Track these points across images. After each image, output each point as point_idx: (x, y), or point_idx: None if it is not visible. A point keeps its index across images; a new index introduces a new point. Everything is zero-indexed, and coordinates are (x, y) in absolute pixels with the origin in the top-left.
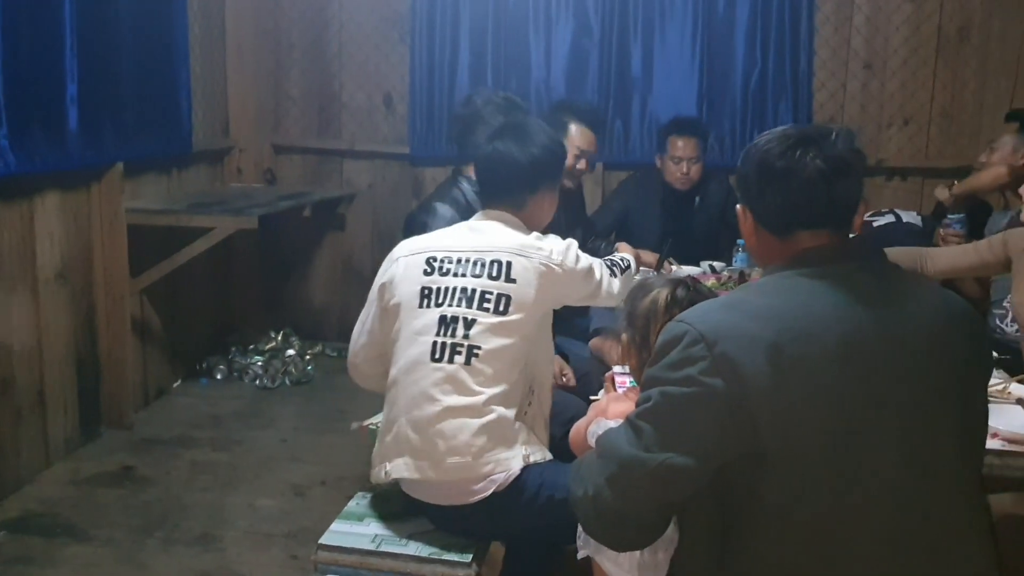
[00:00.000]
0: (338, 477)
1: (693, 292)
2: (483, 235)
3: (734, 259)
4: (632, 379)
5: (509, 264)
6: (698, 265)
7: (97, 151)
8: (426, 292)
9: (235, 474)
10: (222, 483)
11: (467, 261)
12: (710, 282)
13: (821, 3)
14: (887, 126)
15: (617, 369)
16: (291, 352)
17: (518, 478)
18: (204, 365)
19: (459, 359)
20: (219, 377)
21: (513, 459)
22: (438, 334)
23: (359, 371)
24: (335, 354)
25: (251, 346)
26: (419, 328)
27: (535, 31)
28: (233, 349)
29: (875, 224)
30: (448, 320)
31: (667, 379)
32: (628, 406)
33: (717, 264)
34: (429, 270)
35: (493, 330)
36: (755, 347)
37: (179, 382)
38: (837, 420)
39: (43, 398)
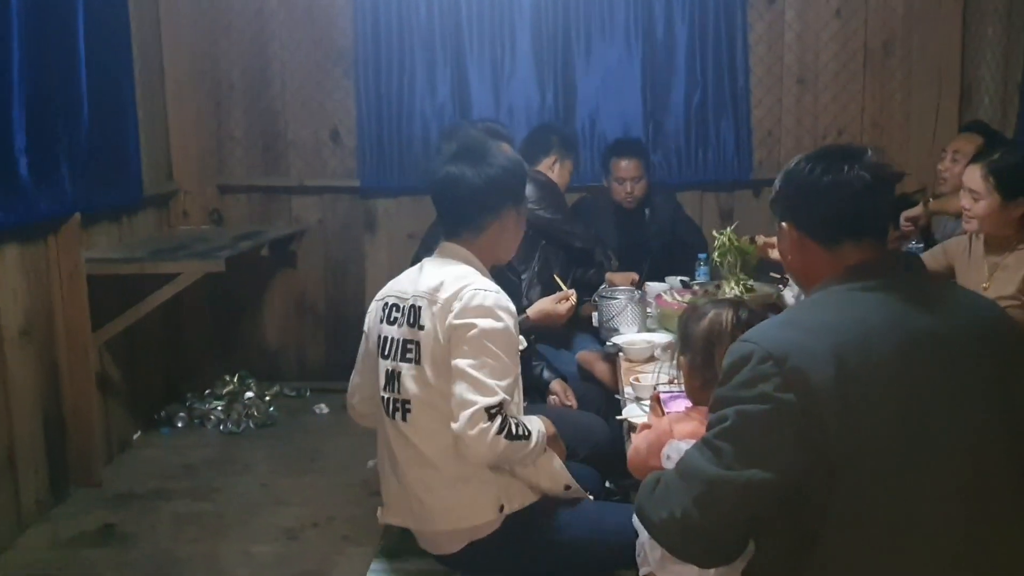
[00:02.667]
0: (328, 518)
1: (751, 313)
2: (421, 276)
3: (696, 273)
4: (657, 398)
5: (419, 309)
6: (663, 280)
7: (55, 202)
8: (381, 341)
9: (222, 523)
10: (211, 533)
11: (401, 308)
12: (687, 297)
13: (754, 22)
14: (822, 138)
15: (662, 388)
16: (250, 395)
17: (498, 530)
18: (163, 414)
19: (398, 415)
20: (180, 425)
21: (482, 511)
22: (385, 389)
23: (355, 410)
24: (293, 394)
25: (207, 391)
26: (379, 380)
27: (483, 59)
28: (189, 395)
29: None
30: (390, 374)
31: (741, 398)
32: (694, 426)
33: (689, 279)
34: (383, 316)
35: (416, 381)
36: (820, 361)
37: (139, 434)
38: (900, 426)
39: (13, 459)
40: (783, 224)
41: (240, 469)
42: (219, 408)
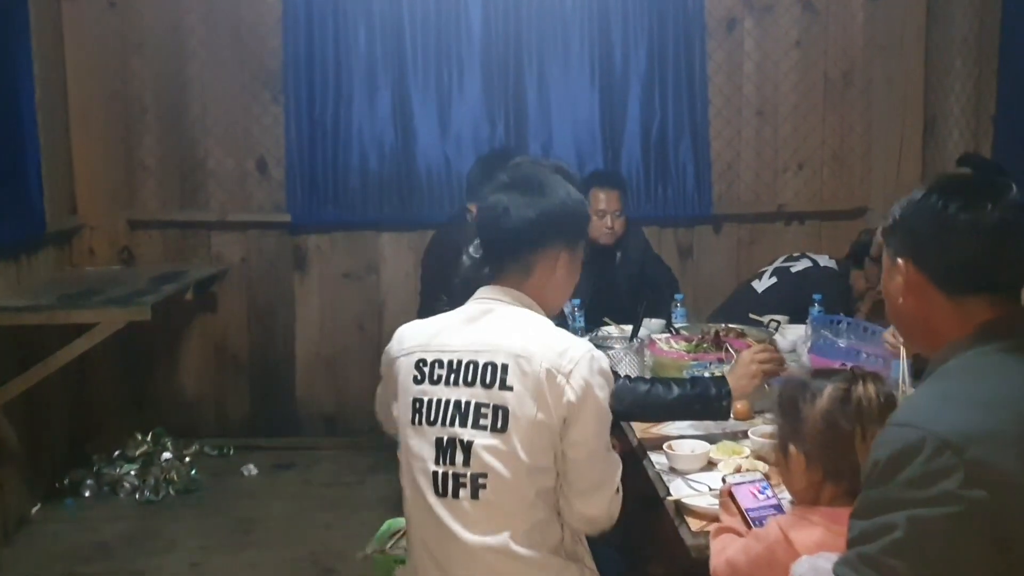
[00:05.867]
0: None
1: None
2: (479, 328)
3: (673, 316)
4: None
5: (505, 368)
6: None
7: None
8: (417, 406)
9: None
10: None
11: (459, 365)
12: (682, 344)
13: (712, 51)
14: (783, 171)
15: (735, 479)
16: (167, 456)
17: None
18: (66, 482)
19: (464, 492)
20: (87, 494)
21: None
22: (437, 462)
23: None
24: (215, 452)
25: (116, 452)
26: (416, 451)
27: (428, 85)
28: (95, 458)
29: (792, 270)
30: (444, 444)
31: (914, 500)
32: (820, 533)
33: (666, 321)
34: (419, 376)
35: (495, 453)
36: (1003, 445)
37: (39, 506)
38: None
39: None
40: (899, 260)
41: (164, 546)
42: (132, 472)
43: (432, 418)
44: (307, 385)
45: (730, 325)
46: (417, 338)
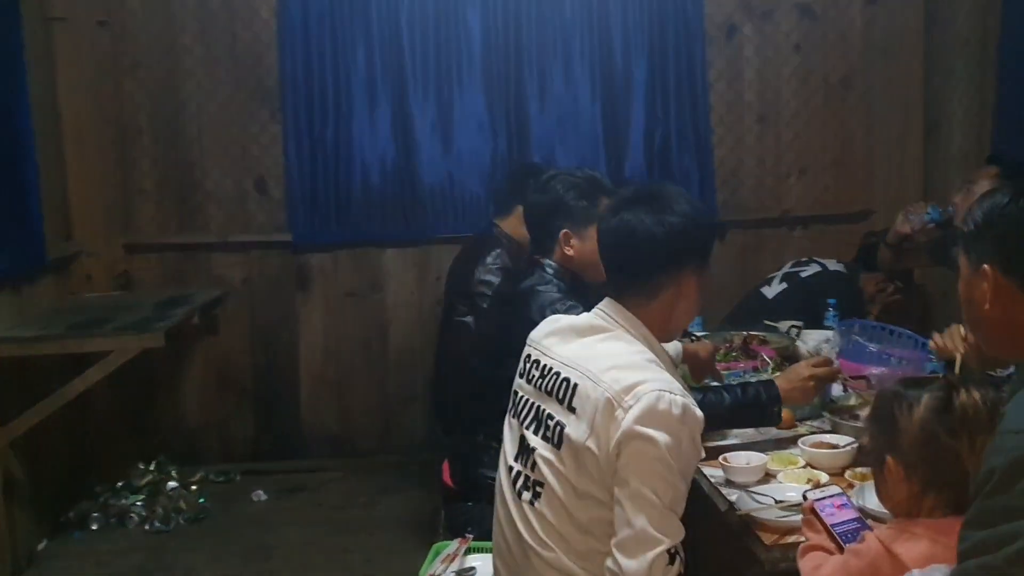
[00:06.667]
0: None
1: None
2: (580, 343)
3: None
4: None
5: (575, 388)
6: None
7: None
8: (515, 398)
9: None
10: None
11: (549, 372)
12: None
13: (713, 59)
14: (785, 176)
15: (815, 495)
16: (173, 484)
17: None
18: (72, 515)
19: (526, 495)
20: (95, 527)
21: None
22: (515, 459)
23: None
24: (221, 479)
25: (120, 483)
26: (505, 441)
27: (428, 100)
28: (99, 490)
29: (802, 275)
30: (523, 444)
31: None
32: (926, 546)
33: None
34: (522, 371)
35: (550, 466)
36: None
37: (45, 542)
38: None
39: None
40: (984, 266)
41: None
42: (139, 503)
43: (520, 415)
44: (312, 406)
45: (751, 332)
46: (541, 330)
